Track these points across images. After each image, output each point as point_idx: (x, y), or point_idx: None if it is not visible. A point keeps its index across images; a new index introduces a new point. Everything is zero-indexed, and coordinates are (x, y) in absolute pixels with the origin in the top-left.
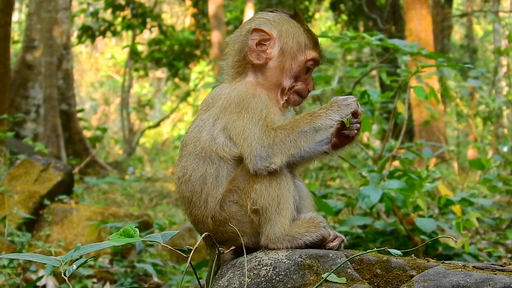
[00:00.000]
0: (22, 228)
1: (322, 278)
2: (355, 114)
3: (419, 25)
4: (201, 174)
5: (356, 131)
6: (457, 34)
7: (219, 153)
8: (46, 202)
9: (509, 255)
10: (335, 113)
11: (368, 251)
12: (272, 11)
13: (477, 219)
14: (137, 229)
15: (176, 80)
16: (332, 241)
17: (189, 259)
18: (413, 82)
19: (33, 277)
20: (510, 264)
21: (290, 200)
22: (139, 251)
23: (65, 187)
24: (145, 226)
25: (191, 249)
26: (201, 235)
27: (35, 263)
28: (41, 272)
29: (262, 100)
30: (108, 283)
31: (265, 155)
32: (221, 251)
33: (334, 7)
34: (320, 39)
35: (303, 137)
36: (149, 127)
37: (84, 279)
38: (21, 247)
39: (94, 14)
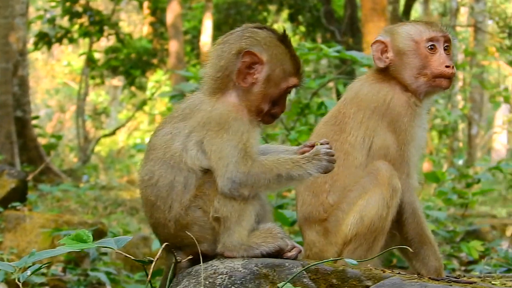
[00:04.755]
0: None
1: (278, 287)
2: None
3: None
4: (169, 181)
5: None
6: None
7: (189, 164)
8: None
9: (463, 268)
10: (314, 168)
11: (324, 260)
12: (261, 28)
13: (432, 231)
14: (90, 234)
15: (133, 88)
16: (289, 251)
17: (151, 270)
18: None
19: None
20: (464, 276)
21: (252, 213)
22: (92, 259)
23: (18, 194)
24: (99, 234)
25: (152, 260)
26: (159, 239)
27: None
28: None
29: (244, 123)
30: None
31: (238, 181)
32: (179, 260)
33: (292, 18)
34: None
35: (277, 181)
36: (105, 135)
37: (37, 287)
38: None
39: (51, 20)
